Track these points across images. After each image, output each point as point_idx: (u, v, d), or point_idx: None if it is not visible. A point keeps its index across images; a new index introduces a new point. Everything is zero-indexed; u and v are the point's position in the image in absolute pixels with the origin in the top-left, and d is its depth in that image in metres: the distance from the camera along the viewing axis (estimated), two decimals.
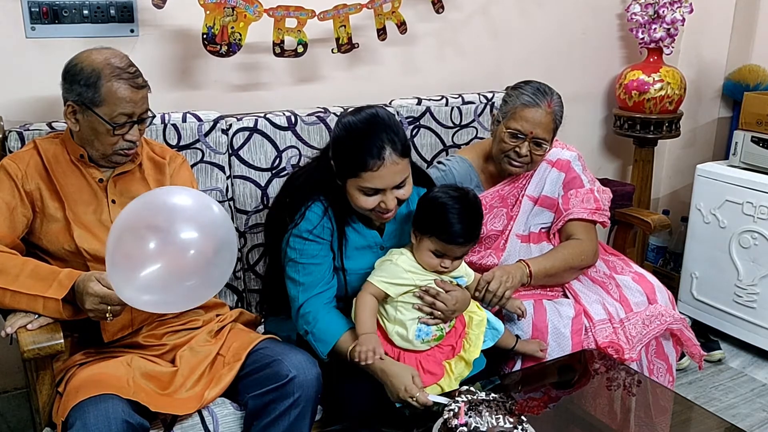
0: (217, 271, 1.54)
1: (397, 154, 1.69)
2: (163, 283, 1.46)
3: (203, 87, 2.34)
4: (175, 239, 1.46)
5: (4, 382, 2.27)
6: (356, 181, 1.71)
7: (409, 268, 1.78)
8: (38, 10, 2.05)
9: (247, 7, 2.17)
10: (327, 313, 1.80)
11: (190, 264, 1.47)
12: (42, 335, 1.54)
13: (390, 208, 1.74)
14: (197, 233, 1.48)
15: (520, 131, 2.04)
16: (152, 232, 1.46)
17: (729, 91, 3.34)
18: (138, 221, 1.48)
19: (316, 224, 1.79)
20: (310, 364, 1.69)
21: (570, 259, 2.12)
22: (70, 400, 1.51)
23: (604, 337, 2.04)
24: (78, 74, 1.67)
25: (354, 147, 1.69)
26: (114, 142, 1.70)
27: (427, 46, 2.73)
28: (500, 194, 2.18)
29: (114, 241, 1.46)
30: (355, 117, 1.74)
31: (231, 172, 2.18)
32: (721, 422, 1.85)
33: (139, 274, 1.44)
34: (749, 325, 2.87)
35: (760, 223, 2.78)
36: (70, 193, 1.73)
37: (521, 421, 1.51)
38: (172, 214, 1.50)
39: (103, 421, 1.45)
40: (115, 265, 1.46)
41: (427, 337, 1.79)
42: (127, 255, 1.45)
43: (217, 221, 1.53)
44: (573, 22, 3.07)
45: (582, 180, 2.20)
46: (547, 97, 2.05)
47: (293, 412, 1.64)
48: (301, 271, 1.80)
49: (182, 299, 1.53)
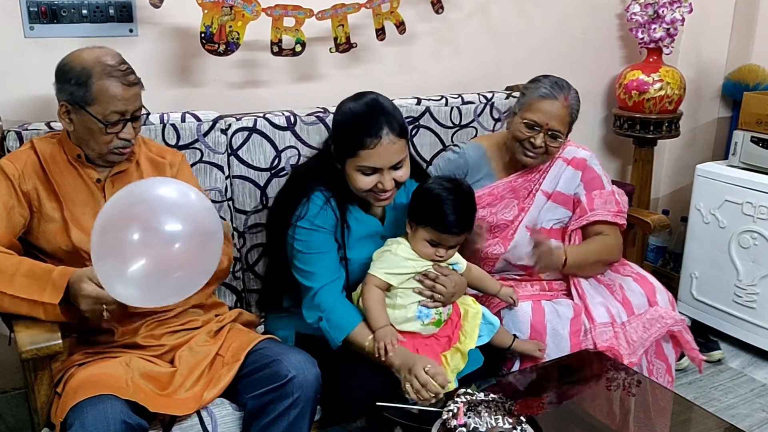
0: (205, 261, 1.53)
1: (394, 134, 1.75)
2: (150, 278, 1.46)
3: (202, 86, 2.34)
4: (158, 232, 1.46)
5: (3, 383, 2.27)
6: (354, 161, 1.77)
7: (408, 256, 1.83)
8: (37, 10, 2.04)
9: (245, 6, 2.17)
10: (342, 302, 1.83)
11: (176, 256, 1.47)
12: (40, 336, 1.54)
13: (387, 188, 1.79)
14: (180, 224, 1.47)
15: (537, 122, 2.08)
16: (135, 225, 1.45)
17: (729, 91, 3.34)
18: (120, 214, 1.48)
19: (320, 214, 1.82)
20: (310, 364, 1.69)
21: (602, 252, 2.19)
22: (69, 400, 1.51)
23: (604, 340, 2.04)
24: (69, 73, 1.66)
25: (353, 127, 1.77)
26: (108, 140, 1.69)
27: (426, 46, 2.72)
28: (512, 185, 2.20)
29: (98, 237, 1.46)
30: (354, 102, 1.82)
31: (230, 172, 2.18)
32: (720, 422, 1.85)
33: (127, 269, 1.43)
34: (749, 325, 2.87)
35: (759, 223, 2.77)
36: (68, 193, 1.72)
37: (520, 421, 1.50)
38: (153, 206, 1.49)
39: (102, 422, 1.45)
40: (101, 261, 1.46)
41: (427, 319, 1.83)
42: (112, 250, 1.45)
43: (196, 209, 1.52)
44: (572, 22, 3.07)
45: (603, 181, 2.24)
46: (564, 91, 2.10)
47: (293, 412, 1.64)
48: (310, 262, 1.82)
49: (171, 292, 1.52)
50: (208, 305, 1.91)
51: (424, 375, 1.63)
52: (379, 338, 1.74)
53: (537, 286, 2.19)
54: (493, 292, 2.02)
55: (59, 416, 1.51)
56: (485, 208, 2.19)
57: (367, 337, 1.77)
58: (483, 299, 2.06)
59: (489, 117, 2.61)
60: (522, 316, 2.03)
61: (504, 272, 2.21)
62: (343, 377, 1.79)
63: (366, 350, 1.76)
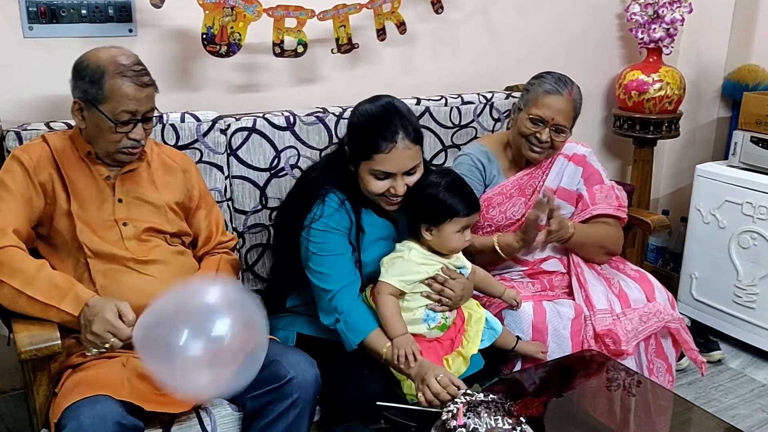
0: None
1: (409, 140, 1.76)
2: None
3: (203, 87, 2.34)
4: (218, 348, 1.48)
5: (2, 383, 2.26)
6: (368, 164, 1.77)
7: (422, 261, 1.83)
8: (36, 10, 2.04)
9: (247, 7, 2.17)
10: (359, 305, 1.83)
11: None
12: (39, 336, 1.53)
13: (399, 193, 1.79)
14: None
15: (542, 118, 2.11)
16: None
17: (728, 91, 3.34)
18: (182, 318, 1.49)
19: (335, 216, 1.82)
20: (309, 365, 1.69)
21: (604, 237, 2.22)
22: (64, 401, 1.51)
23: (604, 325, 2.04)
24: (84, 71, 1.68)
25: (368, 130, 1.77)
26: (118, 139, 1.70)
27: (427, 46, 2.72)
28: (519, 183, 2.22)
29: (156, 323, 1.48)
30: (371, 104, 1.82)
31: (229, 172, 2.18)
32: (720, 423, 1.85)
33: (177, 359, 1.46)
34: (749, 325, 2.87)
35: (759, 223, 2.77)
36: (78, 189, 1.73)
37: (520, 422, 1.50)
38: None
39: (98, 422, 1.44)
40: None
41: (433, 323, 1.83)
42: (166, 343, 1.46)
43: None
44: (572, 22, 3.07)
45: (602, 176, 2.27)
46: (568, 86, 2.14)
47: (292, 412, 1.64)
48: (325, 264, 1.82)
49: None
50: None
51: (436, 385, 1.64)
52: (399, 346, 1.74)
53: (538, 284, 2.19)
54: (497, 294, 2.02)
55: (53, 417, 1.51)
56: (495, 207, 2.20)
57: (385, 343, 1.76)
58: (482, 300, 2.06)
59: (489, 117, 2.61)
60: (523, 316, 2.03)
61: (506, 271, 2.22)
62: (343, 377, 1.79)
63: (383, 357, 1.76)
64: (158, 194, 1.83)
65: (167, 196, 1.85)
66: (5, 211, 1.65)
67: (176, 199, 1.87)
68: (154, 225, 1.79)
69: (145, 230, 1.78)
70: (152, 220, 1.80)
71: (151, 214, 1.81)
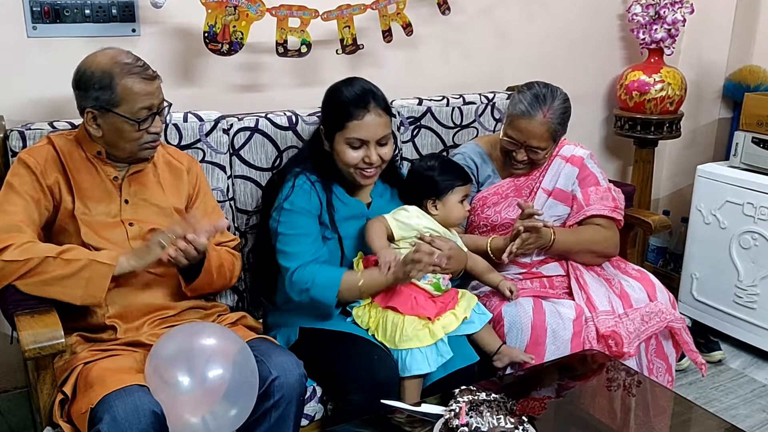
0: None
1: (380, 108, 1.89)
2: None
3: (205, 86, 2.34)
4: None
5: (5, 382, 2.27)
6: (343, 134, 1.88)
7: (419, 216, 1.98)
8: (40, 10, 2.04)
9: (250, 6, 2.17)
10: (320, 268, 1.87)
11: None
12: (43, 334, 1.54)
13: (373, 161, 1.89)
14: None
15: (515, 139, 2.12)
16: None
17: (729, 91, 3.34)
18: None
19: (303, 197, 1.89)
20: (294, 366, 1.68)
21: (592, 241, 2.19)
22: (93, 394, 1.50)
23: (607, 326, 2.04)
24: (90, 79, 1.68)
25: (341, 101, 1.89)
26: (139, 137, 1.72)
27: (430, 48, 2.72)
28: (515, 184, 2.23)
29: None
30: (341, 83, 1.96)
31: (232, 172, 2.18)
32: (721, 423, 1.85)
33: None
34: (749, 325, 2.87)
35: (760, 223, 2.78)
36: (84, 189, 1.74)
37: (522, 421, 1.51)
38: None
39: (132, 413, 1.45)
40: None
41: (424, 281, 1.90)
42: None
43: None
44: (574, 23, 3.07)
45: (598, 178, 2.25)
46: (543, 107, 2.07)
47: (273, 413, 1.63)
48: (291, 243, 1.88)
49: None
50: (208, 306, 1.91)
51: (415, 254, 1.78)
52: (385, 254, 1.83)
53: (537, 283, 2.19)
54: (494, 283, 2.06)
55: (81, 412, 1.50)
56: (491, 207, 2.20)
57: (358, 277, 1.85)
58: (483, 300, 2.07)
59: (490, 117, 2.61)
60: (523, 316, 2.02)
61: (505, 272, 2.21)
62: (351, 365, 1.79)
63: (360, 289, 1.84)
64: (165, 196, 1.84)
65: (173, 199, 1.86)
66: (16, 212, 1.66)
67: (181, 200, 1.88)
68: (158, 226, 1.79)
69: (149, 231, 1.79)
70: (157, 221, 1.81)
71: (157, 215, 1.82)
